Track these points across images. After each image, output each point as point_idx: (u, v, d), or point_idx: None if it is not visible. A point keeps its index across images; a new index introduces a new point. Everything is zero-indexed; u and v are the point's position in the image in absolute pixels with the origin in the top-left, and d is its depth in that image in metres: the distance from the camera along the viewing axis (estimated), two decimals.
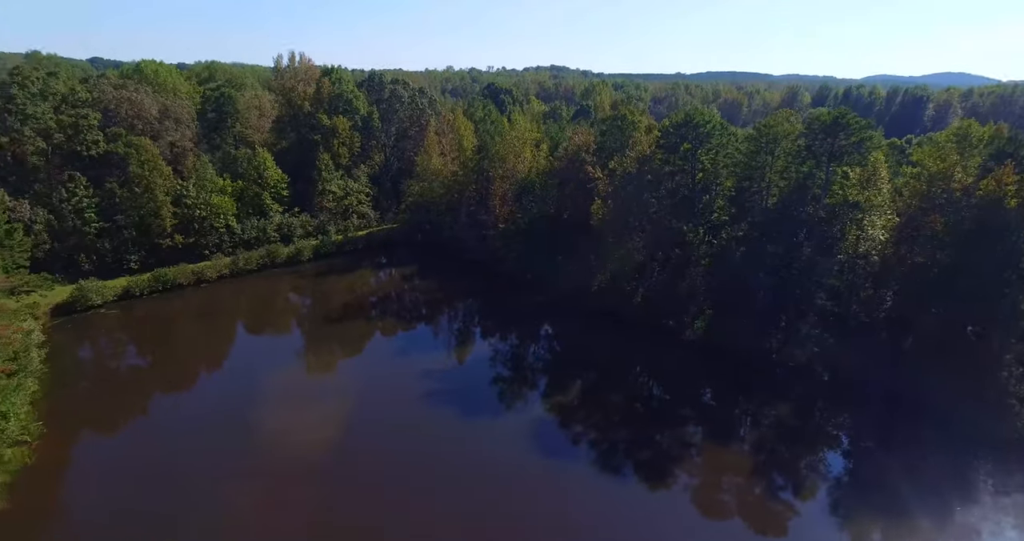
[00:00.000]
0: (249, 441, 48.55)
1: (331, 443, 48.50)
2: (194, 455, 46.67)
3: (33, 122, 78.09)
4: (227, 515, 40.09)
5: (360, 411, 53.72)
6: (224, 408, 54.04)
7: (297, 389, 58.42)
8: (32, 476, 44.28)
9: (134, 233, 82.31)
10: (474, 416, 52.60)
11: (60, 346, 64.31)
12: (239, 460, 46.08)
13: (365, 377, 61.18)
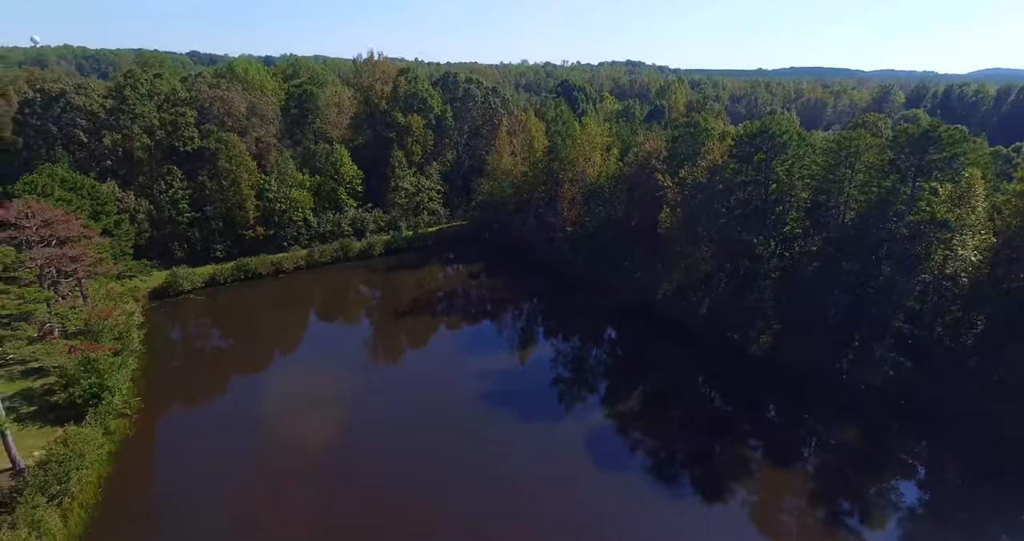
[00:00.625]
0: (310, 422, 52.70)
1: (389, 432, 51.69)
2: (263, 428, 51.94)
3: (141, 120, 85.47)
4: (288, 472, 44.35)
5: (418, 404, 56.58)
6: (293, 390, 58.78)
7: (362, 379, 62.32)
8: (132, 445, 49.64)
9: (221, 224, 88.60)
10: (532, 418, 54.24)
11: (155, 327, 70.95)
12: (297, 435, 50.58)
13: (427, 371, 64.12)
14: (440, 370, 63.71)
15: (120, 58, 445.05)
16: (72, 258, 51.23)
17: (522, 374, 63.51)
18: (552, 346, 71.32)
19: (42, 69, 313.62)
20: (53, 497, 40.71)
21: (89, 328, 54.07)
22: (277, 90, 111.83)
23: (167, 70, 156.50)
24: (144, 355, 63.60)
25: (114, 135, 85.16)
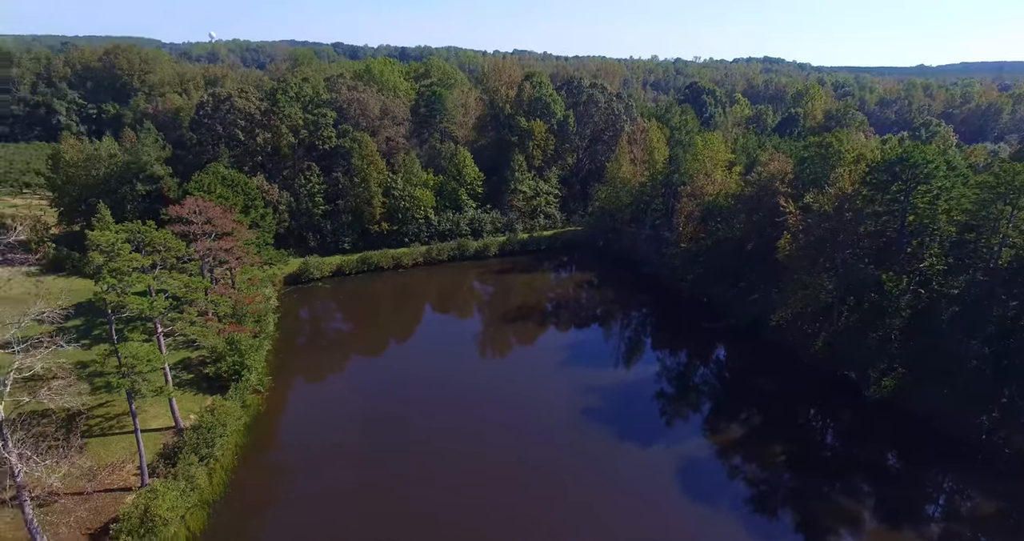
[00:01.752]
0: (415, 405, 59.16)
1: (490, 429, 55.28)
2: (374, 406, 59.18)
3: (288, 121, 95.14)
4: (396, 451, 49.46)
5: (518, 403, 59.61)
6: (403, 374, 65.81)
7: (467, 372, 67.05)
8: (263, 419, 56.68)
9: (350, 218, 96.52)
10: (629, 432, 54.98)
11: (287, 311, 79.46)
12: (403, 414, 57.30)
13: (530, 372, 67.08)
14: (543, 373, 66.44)
15: (276, 50, 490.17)
16: (227, 250, 59.00)
17: (623, 386, 64.42)
18: (657, 361, 71.74)
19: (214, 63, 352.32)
20: (202, 458, 47.78)
21: (235, 312, 61.95)
22: (409, 91, 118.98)
23: (314, 66, 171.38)
24: (276, 337, 71.56)
25: (265, 134, 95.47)
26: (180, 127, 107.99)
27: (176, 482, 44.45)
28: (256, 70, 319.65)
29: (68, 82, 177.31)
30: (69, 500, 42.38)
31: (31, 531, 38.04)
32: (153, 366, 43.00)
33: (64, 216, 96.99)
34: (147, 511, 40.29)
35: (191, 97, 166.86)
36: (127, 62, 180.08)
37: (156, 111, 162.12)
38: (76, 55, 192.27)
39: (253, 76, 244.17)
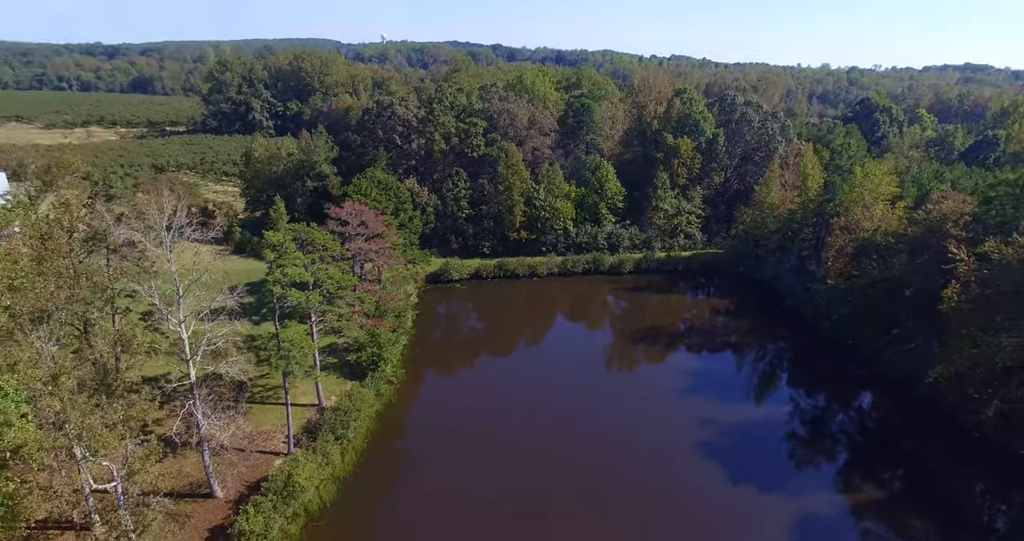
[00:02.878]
0: (533, 409, 62.68)
1: (597, 442, 56.83)
2: (499, 405, 63.73)
3: (442, 128, 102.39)
4: (512, 448, 54.94)
5: (636, 424, 60.09)
6: (528, 376, 70.53)
7: (591, 382, 69.09)
8: (394, 408, 62.42)
9: (491, 224, 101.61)
10: (747, 476, 52.97)
11: (425, 308, 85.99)
12: (521, 419, 61.08)
13: (652, 395, 67.03)
14: (664, 394, 66.53)
15: (439, 51, 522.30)
16: (376, 251, 65.55)
17: (749, 423, 62.15)
18: (790, 401, 68.39)
19: (383, 63, 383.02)
20: (337, 437, 53.90)
21: (378, 308, 68.51)
22: (558, 101, 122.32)
23: (470, 71, 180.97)
24: (412, 332, 77.83)
25: (420, 140, 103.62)
26: (348, 127, 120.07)
27: (314, 455, 50.77)
28: (419, 70, 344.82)
29: (264, 83, 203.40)
30: (233, 455, 49.89)
31: (207, 474, 46.47)
32: (304, 352, 49.50)
33: (250, 204, 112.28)
34: (290, 477, 46.61)
35: (360, 97, 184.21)
36: (311, 65, 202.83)
37: (330, 109, 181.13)
38: (272, 60, 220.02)
39: (416, 76, 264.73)
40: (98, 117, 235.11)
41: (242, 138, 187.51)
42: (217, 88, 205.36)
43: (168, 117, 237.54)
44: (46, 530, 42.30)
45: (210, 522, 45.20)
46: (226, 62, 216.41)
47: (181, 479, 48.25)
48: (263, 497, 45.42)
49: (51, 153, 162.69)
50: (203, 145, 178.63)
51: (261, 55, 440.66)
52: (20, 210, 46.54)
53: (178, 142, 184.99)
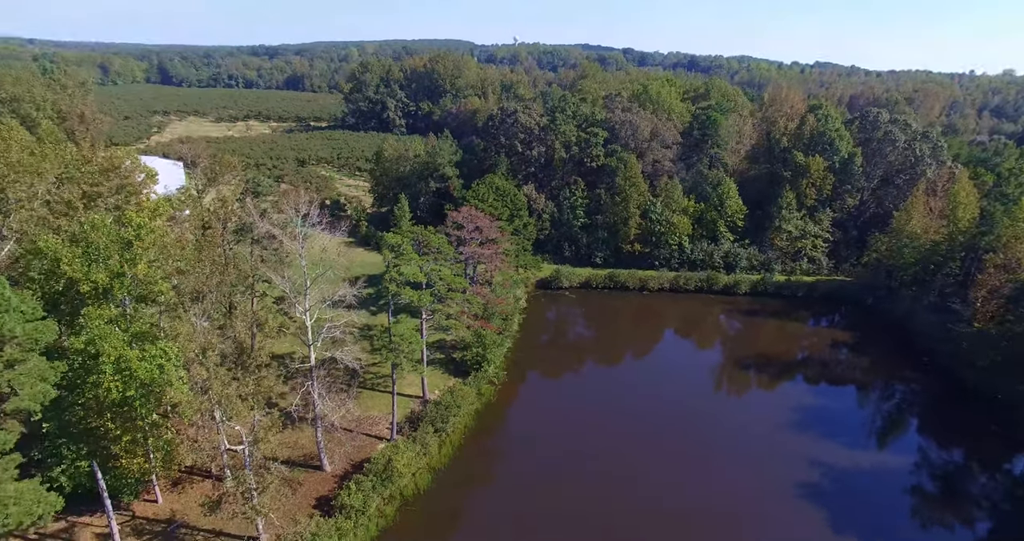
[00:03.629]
0: (631, 420, 63.26)
1: (690, 465, 56.38)
2: (597, 413, 64.63)
3: (563, 137, 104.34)
4: (605, 458, 55.09)
5: (735, 455, 58.49)
6: (630, 388, 71.46)
7: (695, 402, 68.48)
8: (493, 408, 65.20)
9: (605, 234, 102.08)
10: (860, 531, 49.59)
11: (533, 313, 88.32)
12: (617, 430, 61.76)
13: (756, 421, 64.90)
14: (770, 426, 63.91)
15: (569, 54, 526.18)
16: (488, 255, 68.59)
17: (863, 470, 57.71)
18: (917, 451, 62.84)
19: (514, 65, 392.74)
20: (437, 430, 57.36)
21: (486, 311, 71.57)
22: (683, 112, 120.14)
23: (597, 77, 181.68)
24: (518, 336, 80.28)
25: (540, 147, 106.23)
26: (474, 129, 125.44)
27: (414, 444, 54.49)
28: (548, 72, 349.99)
29: (399, 84, 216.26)
30: (342, 434, 54.95)
31: (319, 449, 51.67)
32: (413, 347, 53.22)
33: (377, 200, 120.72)
34: (390, 461, 50.42)
35: (487, 100, 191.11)
36: (443, 68, 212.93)
37: (458, 111, 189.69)
38: (408, 62, 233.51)
39: (544, 79, 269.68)
40: (256, 112, 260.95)
41: (376, 135, 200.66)
42: (357, 87, 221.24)
43: (313, 113, 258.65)
44: (192, 475, 50.42)
45: (318, 492, 50.20)
46: (367, 64, 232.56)
47: (297, 450, 53.85)
48: (364, 477, 49.60)
49: (217, 144, 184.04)
50: (341, 141, 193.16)
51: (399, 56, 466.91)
52: (190, 202, 54.13)
53: (319, 137, 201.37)
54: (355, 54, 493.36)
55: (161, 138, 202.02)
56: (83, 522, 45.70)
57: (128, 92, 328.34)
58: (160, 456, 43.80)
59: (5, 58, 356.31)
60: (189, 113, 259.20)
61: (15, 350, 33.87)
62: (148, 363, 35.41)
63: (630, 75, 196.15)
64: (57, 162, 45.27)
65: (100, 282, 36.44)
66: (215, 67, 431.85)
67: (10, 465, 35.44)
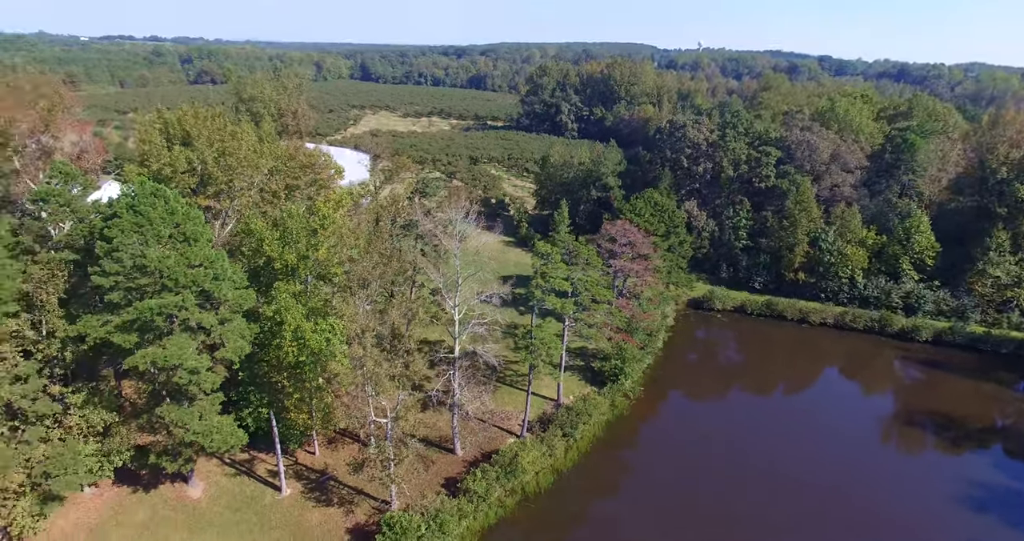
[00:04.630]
0: (768, 458, 59.86)
1: (825, 528, 51.74)
2: (734, 445, 62.35)
3: (731, 154, 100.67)
4: (730, 491, 53.44)
5: (887, 529, 52.74)
6: (772, 423, 67.78)
7: (847, 452, 62.73)
8: (624, 421, 65.87)
9: (767, 259, 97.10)
10: None
11: (680, 332, 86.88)
12: (750, 465, 58.95)
13: (922, 495, 57.57)
14: (941, 505, 56.23)
15: (756, 61, 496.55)
16: (637, 270, 69.03)
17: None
18: None
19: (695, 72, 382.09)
20: (565, 434, 59.41)
21: (630, 325, 72.10)
22: (875, 133, 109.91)
23: (782, 89, 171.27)
24: (660, 353, 79.56)
25: (707, 164, 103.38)
26: (644, 138, 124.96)
27: (541, 445, 57.02)
28: (731, 81, 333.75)
29: (575, 89, 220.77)
30: (475, 424, 59.13)
31: (453, 433, 56.33)
32: (551, 352, 55.66)
33: (540, 203, 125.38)
34: (516, 456, 53.48)
35: (662, 108, 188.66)
36: (620, 74, 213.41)
37: (630, 118, 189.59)
38: (585, 67, 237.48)
39: (724, 88, 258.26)
40: (439, 109, 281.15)
41: (548, 138, 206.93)
42: (534, 90, 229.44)
43: (491, 112, 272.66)
44: (344, 437, 57.85)
45: (447, 472, 54.77)
46: (545, 67, 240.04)
47: (434, 431, 58.89)
48: (491, 466, 53.13)
49: (401, 139, 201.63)
50: (513, 141, 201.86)
51: (579, 58, 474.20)
52: (368, 195, 61.40)
53: (494, 136, 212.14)
54: (536, 55, 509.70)
55: (355, 130, 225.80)
56: (260, 458, 54.59)
57: (334, 87, 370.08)
58: (320, 416, 50.95)
59: (248, 59, 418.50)
60: (381, 108, 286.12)
61: (226, 311, 41.55)
62: (318, 335, 41.54)
63: (822, 86, 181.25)
64: (271, 158, 54.24)
65: (290, 262, 43.41)
66: (408, 65, 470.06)
67: (216, 401, 44.00)
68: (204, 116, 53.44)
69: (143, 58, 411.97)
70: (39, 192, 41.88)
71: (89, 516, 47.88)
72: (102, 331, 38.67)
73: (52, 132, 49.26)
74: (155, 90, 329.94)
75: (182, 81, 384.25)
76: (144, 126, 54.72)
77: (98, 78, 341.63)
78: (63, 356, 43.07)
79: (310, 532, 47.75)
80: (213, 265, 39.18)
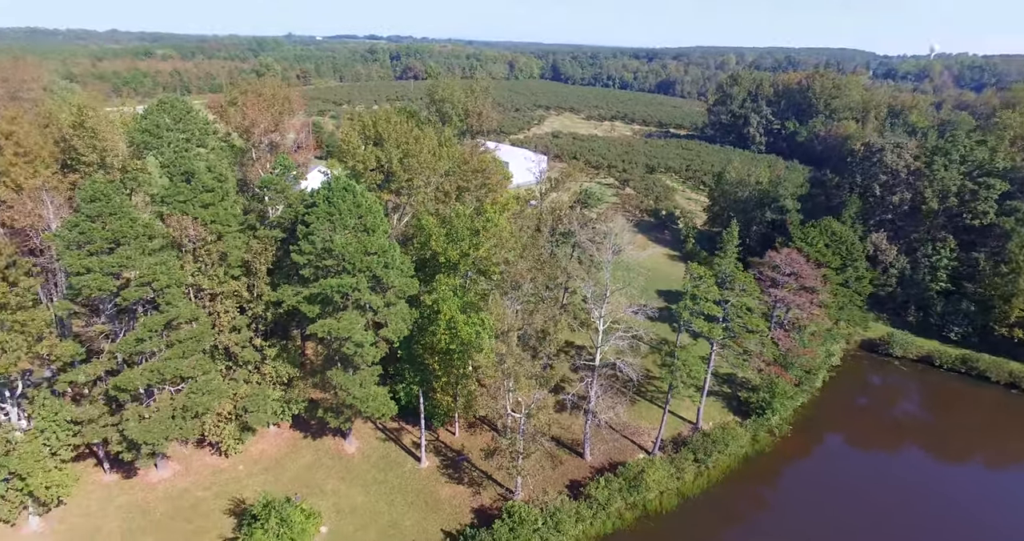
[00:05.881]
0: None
1: None
2: (890, 513, 55.90)
3: (939, 184, 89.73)
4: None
5: None
6: (944, 503, 58.74)
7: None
8: (764, 459, 63.02)
9: (971, 307, 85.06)
10: None
11: (845, 374, 79.71)
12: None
13: None
14: None
15: (1010, 65, 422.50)
16: (800, 304, 65.40)
17: None
18: None
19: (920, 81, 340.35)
20: (696, 460, 58.73)
21: (784, 358, 68.57)
22: None
23: None
24: (818, 393, 74.07)
25: (904, 194, 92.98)
26: (838, 159, 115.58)
27: (669, 465, 57.00)
28: (969, 93, 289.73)
29: (767, 100, 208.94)
30: (607, 433, 60.57)
31: (584, 438, 58.31)
32: (693, 376, 55.30)
33: (710, 219, 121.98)
34: (642, 472, 54.18)
35: (865, 125, 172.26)
36: (820, 86, 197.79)
37: (827, 134, 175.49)
38: (781, 78, 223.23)
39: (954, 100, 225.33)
40: (622, 114, 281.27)
41: (731, 150, 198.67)
42: (722, 100, 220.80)
43: (675, 120, 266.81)
44: (482, 424, 62.46)
45: (573, 475, 57.02)
46: (737, 76, 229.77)
47: (567, 433, 61.41)
48: (615, 477, 54.38)
49: (581, 142, 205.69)
50: (694, 151, 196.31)
51: (779, 65, 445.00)
52: (533, 199, 65.13)
53: (674, 145, 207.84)
54: (732, 61, 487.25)
55: (538, 130, 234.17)
56: (406, 429, 61.15)
57: (524, 87, 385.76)
58: (463, 401, 55.87)
59: (448, 57, 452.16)
60: (566, 109, 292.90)
61: (392, 295, 47.47)
62: (470, 327, 45.82)
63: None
64: (447, 161, 60.17)
65: (452, 258, 48.27)
66: (598, 67, 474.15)
67: (375, 373, 50.71)
68: (395, 121, 60.63)
69: (360, 55, 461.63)
70: (265, 180, 51.16)
71: (272, 449, 57.79)
72: (294, 300, 46.45)
73: (280, 131, 59.54)
74: (366, 84, 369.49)
75: (389, 76, 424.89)
76: (346, 127, 63.81)
77: (324, 73, 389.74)
78: (265, 316, 52.59)
79: (440, 504, 52.73)
80: (385, 254, 45.05)
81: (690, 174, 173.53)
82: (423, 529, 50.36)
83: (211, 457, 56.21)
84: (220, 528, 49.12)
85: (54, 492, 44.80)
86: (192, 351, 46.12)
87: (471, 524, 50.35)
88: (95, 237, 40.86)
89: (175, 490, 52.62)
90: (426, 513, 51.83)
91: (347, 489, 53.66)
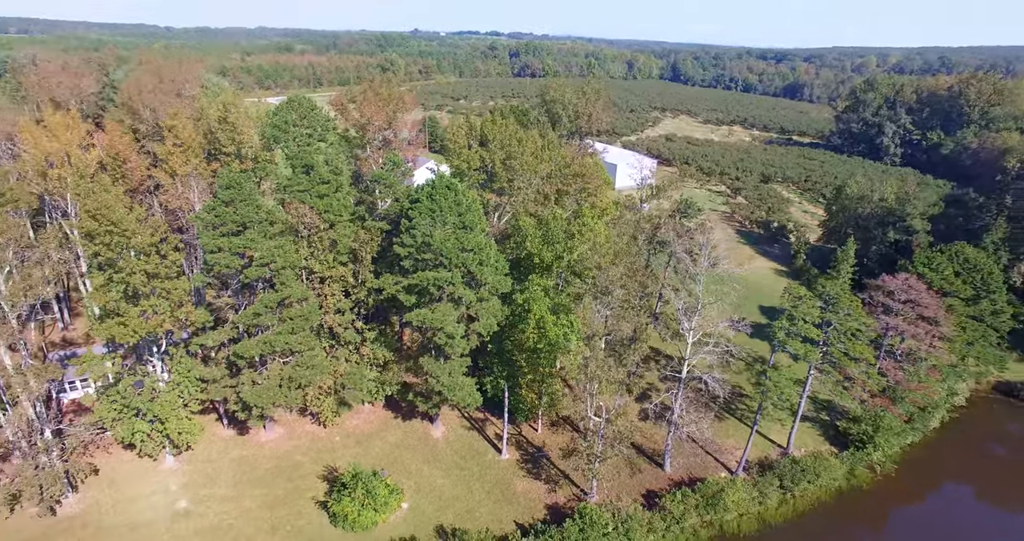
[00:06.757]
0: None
1: None
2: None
3: None
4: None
5: None
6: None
7: None
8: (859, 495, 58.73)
9: None
10: None
11: (972, 417, 71.63)
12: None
13: None
14: None
15: None
16: (914, 335, 60.92)
17: None
18: None
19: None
20: (782, 487, 56.65)
21: (894, 391, 64.10)
22: None
23: None
24: (934, 432, 68.05)
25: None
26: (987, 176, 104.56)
27: (752, 489, 55.39)
28: None
29: (907, 107, 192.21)
30: (690, 447, 59.77)
31: (665, 449, 57.75)
32: (785, 398, 53.36)
33: (825, 235, 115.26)
34: (722, 491, 53.17)
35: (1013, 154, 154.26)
36: (976, 91, 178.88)
37: (979, 147, 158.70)
38: (927, 83, 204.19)
39: None
40: (742, 118, 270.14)
41: (860, 161, 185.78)
42: (854, 106, 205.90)
43: (799, 127, 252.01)
44: (564, 423, 63.47)
45: (650, 484, 56.69)
46: (873, 81, 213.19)
47: (649, 442, 61.21)
48: (693, 493, 53.66)
49: (695, 147, 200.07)
50: (817, 161, 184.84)
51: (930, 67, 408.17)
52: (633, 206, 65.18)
53: (795, 154, 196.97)
54: (873, 62, 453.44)
55: (652, 132, 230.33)
56: (490, 421, 63.56)
57: (641, 87, 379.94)
58: (547, 399, 57.30)
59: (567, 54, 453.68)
60: (682, 112, 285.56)
61: (485, 291, 49.61)
62: (558, 328, 47.07)
63: None
64: (549, 164, 61.53)
65: (546, 259, 49.65)
66: (720, 68, 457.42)
67: (464, 364, 53.41)
68: (500, 123, 62.70)
69: (480, 52, 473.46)
70: (376, 174, 55.01)
71: (364, 425, 62.21)
72: (394, 289, 49.79)
73: (393, 128, 63.52)
74: (483, 81, 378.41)
75: (507, 73, 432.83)
76: (453, 127, 66.98)
77: (445, 69, 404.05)
78: (367, 301, 56.70)
79: (516, 496, 54.47)
80: (481, 252, 47.16)
81: (809, 185, 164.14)
82: (497, 518, 52.29)
83: (311, 425, 61.49)
84: (314, 491, 53.77)
85: (185, 438, 51.81)
86: (300, 328, 50.70)
87: (543, 519, 51.67)
88: (227, 220, 46.00)
89: (279, 451, 58.21)
90: (502, 503, 53.75)
91: (430, 471, 56.69)
